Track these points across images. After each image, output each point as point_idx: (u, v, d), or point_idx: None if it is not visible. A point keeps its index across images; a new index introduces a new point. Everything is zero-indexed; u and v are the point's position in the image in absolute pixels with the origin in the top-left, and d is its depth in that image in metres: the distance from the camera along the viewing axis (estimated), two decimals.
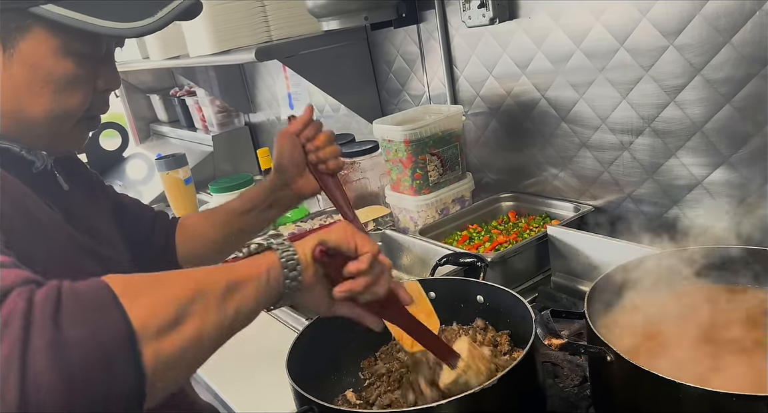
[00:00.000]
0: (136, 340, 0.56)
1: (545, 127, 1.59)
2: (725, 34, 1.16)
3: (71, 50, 0.77)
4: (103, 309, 0.56)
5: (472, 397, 0.84)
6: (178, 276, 0.65)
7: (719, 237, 1.30)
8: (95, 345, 0.54)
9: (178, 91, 3.19)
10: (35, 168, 0.83)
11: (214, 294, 0.63)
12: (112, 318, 0.55)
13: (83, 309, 0.55)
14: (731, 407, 0.75)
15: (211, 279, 0.65)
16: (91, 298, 0.56)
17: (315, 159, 1.08)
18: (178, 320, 0.60)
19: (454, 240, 1.61)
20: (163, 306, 0.59)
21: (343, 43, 1.92)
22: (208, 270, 0.67)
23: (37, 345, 0.51)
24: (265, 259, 0.70)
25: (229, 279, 0.66)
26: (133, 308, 0.57)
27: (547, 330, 0.91)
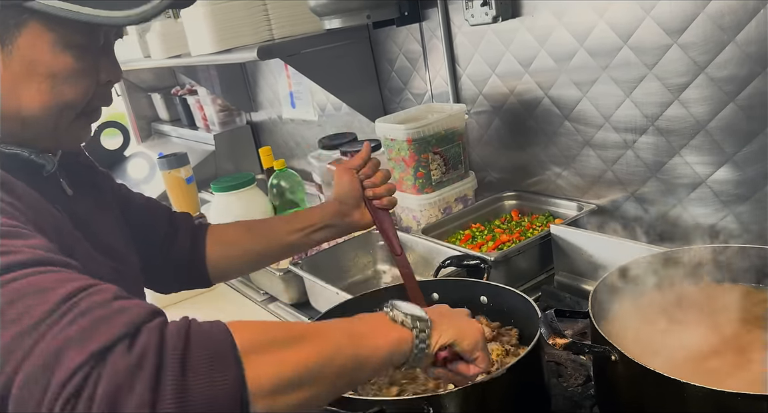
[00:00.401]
0: (248, 399, 0.56)
1: (548, 125, 1.59)
2: (729, 33, 1.16)
3: (69, 43, 0.76)
4: (222, 360, 0.56)
5: (475, 394, 0.84)
6: (307, 335, 0.65)
7: (723, 236, 1.30)
8: (211, 398, 0.54)
9: (179, 89, 3.18)
10: (46, 171, 0.82)
11: (338, 367, 0.65)
12: (229, 374, 0.56)
13: (208, 355, 0.56)
14: (736, 406, 0.75)
15: (341, 348, 0.66)
16: (213, 344, 0.57)
17: (371, 194, 1.14)
18: (296, 385, 0.61)
19: (457, 240, 1.61)
20: (284, 369, 0.60)
21: (345, 41, 1.91)
22: (338, 334, 0.68)
23: (167, 393, 0.52)
24: (398, 335, 0.73)
25: (356, 351, 0.68)
26: (253, 366, 0.57)
27: (551, 330, 0.91)
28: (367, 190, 1.14)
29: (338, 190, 1.15)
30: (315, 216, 1.17)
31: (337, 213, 1.16)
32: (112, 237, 0.94)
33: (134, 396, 0.52)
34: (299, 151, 2.67)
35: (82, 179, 0.95)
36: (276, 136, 2.81)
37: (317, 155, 2.04)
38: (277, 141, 2.79)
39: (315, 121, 2.47)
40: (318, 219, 1.16)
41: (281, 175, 2.02)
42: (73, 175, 0.93)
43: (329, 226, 1.17)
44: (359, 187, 1.14)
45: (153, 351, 0.54)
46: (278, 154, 2.57)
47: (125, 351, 0.53)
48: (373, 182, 1.14)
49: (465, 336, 0.79)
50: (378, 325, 0.74)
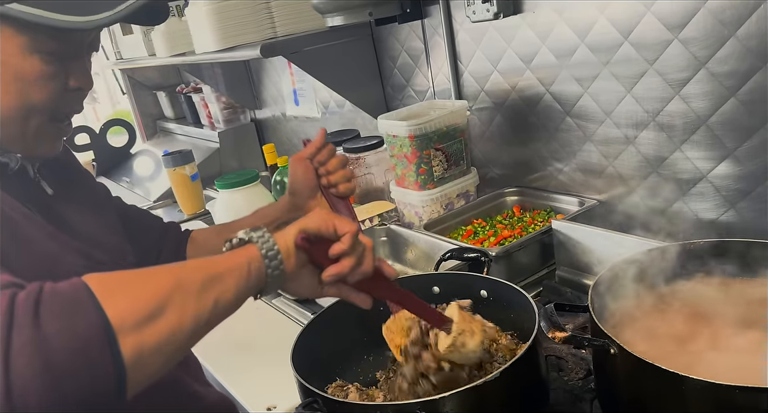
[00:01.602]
0: (114, 333, 0.58)
1: (550, 121, 1.59)
2: (730, 27, 1.16)
3: (38, 47, 0.79)
4: (79, 306, 0.58)
5: (474, 390, 0.84)
6: (156, 271, 0.67)
7: (724, 231, 1.31)
8: (73, 340, 0.56)
9: (184, 87, 3.20)
10: (10, 169, 0.84)
11: (193, 287, 0.66)
12: (88, 314, 0.58)
13: (61, 306, 0.57)
14: (735, 399, 0.75)
15: (189, 273, 0.68)
16: (69, 296, 0.59)
17: (326, 182, 1.11)
18: (156, 313, 0.62)
19: (459, 235, 1.62)
20: (141, 300, 0.61)
21: (348, 39, 1.92)
22: (187, 264, 0.71)
23: (19, 344, 0.54)
24: (246, 252, 0.73)
25: (208, 272, 0.68)
26: (110, 303, 0.59)
27: (550, 324, 0.92)
28: (322, 178, 1.11)
29: (291, 181, 1.13)
30: (269, 213, 1.16)
31: (290, 207, 1.14)
32: (98, 232, 0.95)
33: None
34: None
35: (68, 180, 0.97)
36: (280, 133, 2.82)
37: None
38: (281, 138, 2.80)
39: (318, 118, 2.48)
40: (273, 216, 1.15)
41: (285, 171, 2.03)
42: (57, 177, 0.94)
43: (288, 222, 1.15)
44: (313, 177, 1.11)
45: (1, 314, 0.55)
46: (282, 151, 2.59)
47: None
48: (327, 169, 1.10)
49: (307, 219, 0.77)
50: (225, 254, 0.74)
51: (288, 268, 0.75)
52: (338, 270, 0.78)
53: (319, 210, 0.80)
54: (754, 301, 0.98)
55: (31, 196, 0.86)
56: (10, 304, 0.56)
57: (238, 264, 0.71)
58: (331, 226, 0.78)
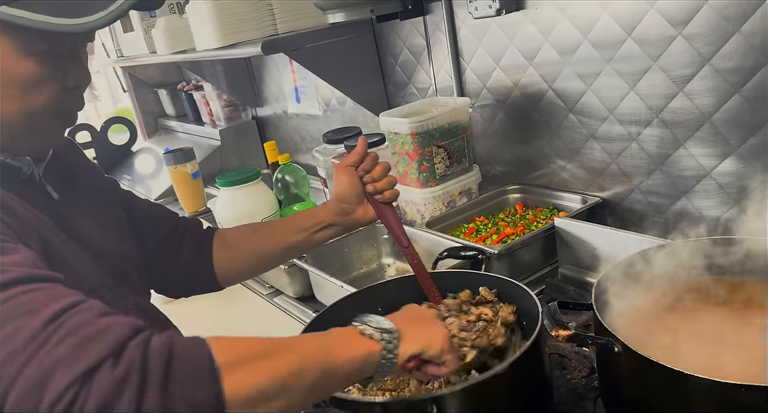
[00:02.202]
0: (224, 407, 0.60)
1: (552, 118, 1.58)
2: (734, 23, 1.15)
3: (31, 49, 0.78)
4: (202, 374, 0.61)
5: (477, 388, 0.84)
6: (280, 348, 0.69)
7: (728, 228, 1.30)
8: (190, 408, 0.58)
9: (185, 85, 3.19)
10: (23, 173, 0.83)
11: (311, 378, 0.69)
12: (207, 384, 0.60)
13: (187, 372, 0.60)
14: (740, 397, 0.75)
15: (312, 360, 0.70)
16: (195, 362, 0.61)
17: (372, 189, 1.13)
18: (269, 397, 0.65)
19: (461, 233, 1.61)
20: (259, 382, 0.64)
21: (349, 35, 1.91)
22: (311, 346, 0.73)
23: (150, 406, 0.56)
24: (367, 348, 0.76)
25: (328, 362, 0.71)
26: (229, 380, 0.61)
27: (554, 322, 0.91)
28: (367, 186, 1.13)
29: (337, 190, 1.15)
30: (318, 215, 1.17)
31: (339, 212, 1.15)
32: (103, 236, 0.94)
33: (120, 407, 0.55)
34: (304, 146, 2.68)
35: (73, 182, 0.96)
36: (281, 131, 2.81)
37: (322, 149, 2.04)
38: (282, 136, 2.80)
39: (320, 116, 2.48)
40: (322, 218, 1.16)
41: (286, 169, 2.02)
42: (63, 179, 0.94)
43: (333, 225, 1.17)
44: (359, 184, 1.13)
45: (137, 367, 0.58)
46: (283, 149, 2.58)
47: (111, 369, 0.57)
48: (373, 177, 1.13)
49: (431, 344, 0.80)
50: (348, 338, 0.76)
51: (394, 370, 0.79)
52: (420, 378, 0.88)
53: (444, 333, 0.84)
54: (758, 298, 0.98)
55: (39, 202, 0.85)
56: (143, 359, 0.58)
57: (356, 358, 0.74)
58: (444, 359, 0.82)
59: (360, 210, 1.15)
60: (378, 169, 1.13)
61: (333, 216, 1.16)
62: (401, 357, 0.78)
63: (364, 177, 1.13)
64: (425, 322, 0.85)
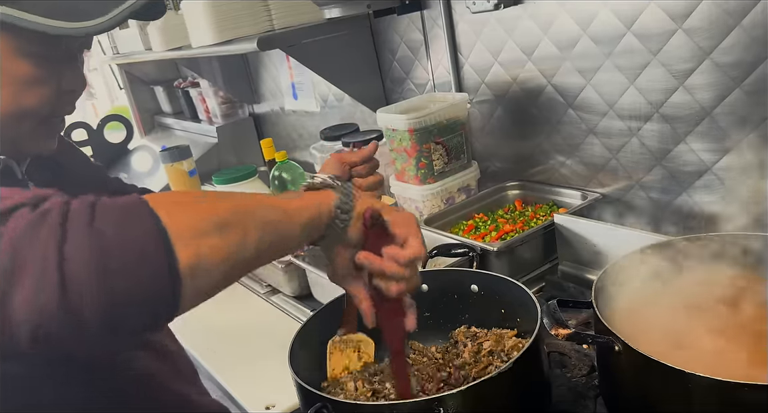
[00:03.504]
0: (170, 240, 0.56)
1: (552, 114, 1.57)
2: (735, 17, 1.14)
3: (27, 51, 0.77)
4: (136, 214, 0.57)
5: (476, 387, 0.83)
6: (225, 195, 0.66)
7: (729, 224, 1.29)
8: (129, 244, 0.55)
9: (181, 82, 3.18)
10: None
11: (259, 215, 0.65)
12: (144, 221, 0.57)
13: (117, 213, 0.56)
14: (742, 396, 0.74)
15: (260, 203, 0.67)
16: (125, 206, 0.58)
17: (356, 184, 1.10)
18: (217, 229, 0.61)
19: (460, 230, 1.60)
20: (201, 216, 0.61)
21: (346, 31, 1.89)
22: (259, 196, 0.69)
23: (73, 242, 0.53)
24: (323, 195, 0.74)
25: (281, 206, 0.68)
26: (168, 216, 0.58)
27: (553, 320, 0.90)
28: (353, 181, 1.10)
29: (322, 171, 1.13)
30: None
31: None
32: None
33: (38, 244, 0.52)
34: (301, 143, 2.66)
35: (61, 177, 0.95)
36: (279, 128, 2.80)
37: (319, 146, 2.03)
38: (280, 133, 2.79)
39: (317, 112, 2.46)
40: None
41: (283, 166, 2.01)
42: (53, 174, 0.93)
43: None
44: (346, 174, 1.10)
45: (57, 209, 0.55)
46: (280, 146, 2.57)
47: (28, 212, 0.54)
48: (362, 184, 1.09)
49: (393, 210, 0.77)
50: (301, 192, 0.74)
51: (350, 228, 0.75)
52: (375, 262, 0.76)
53: (413, 217, 0.79)
54: (760, 295, 0.97)
55: None
56: (65, 205, 0.55)
57: (311, 204, 0.72)
58: (405, 233, 0.77)
59: None
60: (371, 179, 1.10)
61: None
62: (358, 206, 0.75)
63: (353, 179, 1.11)
64: None
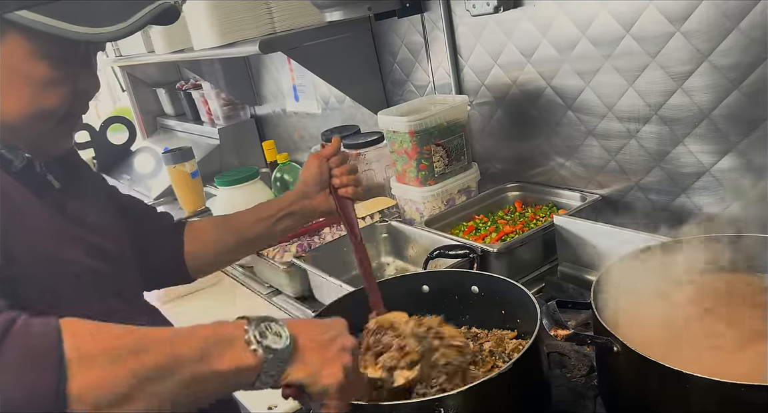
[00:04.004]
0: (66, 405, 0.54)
1: (551, 115, 1.58)
2: (733, 19, 1.14)
3: (46, 54, 0.78)
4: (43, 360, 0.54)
5: (476, 388, 0.84)
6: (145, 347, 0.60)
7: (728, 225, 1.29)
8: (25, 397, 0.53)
9: (184, 84, 3.19)
10: (14, 167, 0.84)
11: (176, 381, 0.60)
12: (47, 378, 0.54)
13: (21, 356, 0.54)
14: (739, 397, 0.74)
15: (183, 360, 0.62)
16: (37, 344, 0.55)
17: (338, 183, 1.20)
18: (124, 400, 0.57)
19: (460, 231, 1.61)
20: (111, 381, 0.57)
21: (347, 34, 1.90)
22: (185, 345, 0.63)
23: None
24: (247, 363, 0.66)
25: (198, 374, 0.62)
26: (77, 371, 0.55)
27: (553, 321, 0.91)
28: (334, 178, 1.20)
29: (305, 173, 1.22)
30: (277, 204, 1.22)
31: (300, 196, 1.21)
32: (102, 223, 0.95)
33: None
34: (303, 144, 2.67)
35: (73, 175, 0.97)
36: (280, 130, 2.81)
37: (320, 148, 2.04)
38: (281, 134, 2.79)
39: (318, 114, 2.47)
40: (281, 206, 1.21)
41: (285, 168, 2.02)
42: (66, 170, 0.95)
43: (291, 214, 1.21)
44: (326, 172, 1.20)
45: None
46: (282, 148, 2.57)
47: None
48: (341, 171, 1.20)
49: (318, 380, 0.70)
50: (230, 345, 0.66)
51: None
52: None
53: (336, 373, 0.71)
54: (758, 295, 0.97)
55: (38, 189, 0.86)
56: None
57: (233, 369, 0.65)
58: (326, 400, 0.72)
59: (320, 197, 1.21)
60: (346, 167, 1.21)
61: (291, 204, 1.21)
62: (281, 380, 0.69)
63: (333, 169, 1.20)
64: (326, 351, 0.72)
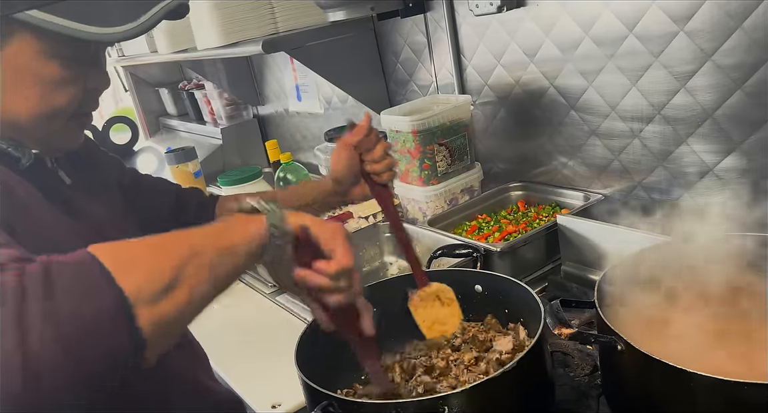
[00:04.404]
0: (131, 308, 0.58)
1: (554, 115, 1.58)
2: (736, 19, 1.14)
3: (56, 53, 0.78)
4: (93, 281, 0.57)
5: (480, 386, 0.84)
6: (169, 240, 0.67)
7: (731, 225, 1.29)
8: (90, 317, 0.55)
9: (186, 84, 3.19)
10: (21, 165, 0.84)
11: (207, 259, 0.66)
12: (102, 290, 0.57)
13: (74, 282, 0.56)
14: (743, 395, 0.74)
15: (203, 241, 0.68)
16: (80, 271, 0.58)
17: (370, 169, 1.10)
18: (172, 285, 0.62)
19: (463, 231, 1.61)
20: (156, 272, 0.61)
21: (350, 33, 1.91)
22: (200, 232, 0.69)
23: (33, 322, 0.53)
24: (256, 225, 0.73)
25: (222, 242, 0.69)
26: (125, 277, 0.58)
27: (557, 320, 0.91)
28: (366, 165, 1.10)
29: (335, 168, 1.12)
30: (313, 193, 1.18)
31: (333, 192, 1.15)
32: (113, 218, 0.96)
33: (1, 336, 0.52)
34: (305, 144, 2.68)
35: (85, 167, 0.97)
36: (283, 129, 2.81)
37: (323, 148, 2.04)
38: (284, 134, 2.80)
39: (321, 114, 2.47)
40: (315, 196, 1.17)
41: (288, 168, 2.02)
42: (75, 164, 0.95)
43: (326, 203, 1.18)
44: (357, 163, 1.10)
45: (11, 291, 0.54)
46: (285, 148, 2.58)
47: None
48: (373, 157, 1.09)
49: (320, 224, 0.77)
50: (234, 220, 0.74)
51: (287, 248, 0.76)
52: (307, 279, 0.78)
53: (339, 227, 0.79)
54: (761, 295, 0.97)
55: (48, 187, 0.85)
56: (18, 281, 0.55)
57: (249, 237, 0.72)
58: (331, 246, 0.77)
59: (356, 190, 1.15)
60: (379, 148, 1.10)
61: (326, 195, 1.16)
62: (293, 225, 0.75)
63: (363, 155, 1.10)
64: None
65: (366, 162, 1.10)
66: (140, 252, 0.63)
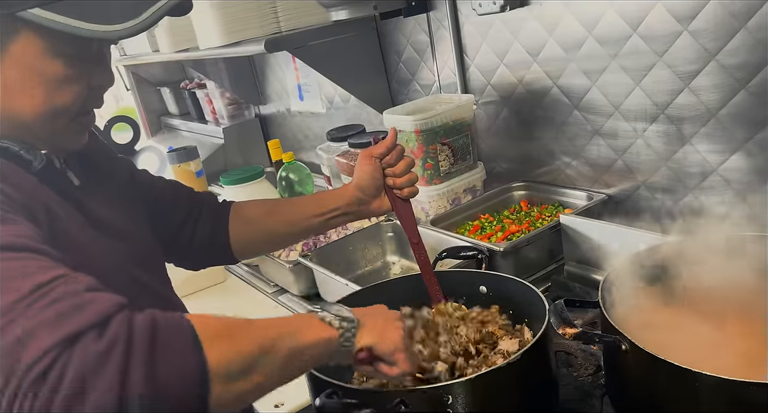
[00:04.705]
0: (209, 381, 0.62)
1: (557, 115, 1.58)
2: (740, 19, 1.14)
3: (60, 51, 0.78)
4: (186, 349, 0.62)
5: (484, 377, 0.84)
6: (251, 330, 0.71)
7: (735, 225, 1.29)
8: (177, 382, 0.59)
9: (188, 83, 3.19)
10: (33, 167, 0.83)
11: (281, 356, 0.71)
12: (193, 359, 0.62)
13: (172, 346, 0.61)
14: (748, 395, 0.75)
15: (282, 339, 0.72)
16: (177, 336, 0.62)
17: (392, 184, 1.13)
18: (248, 371, 0.67)
19: (466, 231, 1.61)
20: (237, 356, 0.66)
21: (352, 33, 1.90)
22: (277, 330, 0.74)
23: (136, 378, 0.56)
24: (327, 333, 0.78)
25: (294, 341, 0.74)
26: (211, 351, 0.63)
27: (560, 320, 0.91)
28: (388, 179, 1.12)
29: (359, 179, 1.14)
30: (335, 201, 1.17)
31: (355, 201, 1.15)
32: (123, 220, 0.95)
33: (104, 378, 0.55)
34: (308, 144, 2.68)
35: (93, 168, 0.96)
36: (284, 129, 2.81)
37: (326, 147, 2.04)
38: (286, 134, 2.80)
39: (323, 114, 2.47)
40: (337, 205, 1.17)
41: (290, 167, 2.02)
42: (83, 165, 0.94)
43: (348, 213, 1.17)
44: (380, 177, 1.12)
45: (123, 340, 0.58)
46: (287, 147, 2.58)
47: (95, 340, 0.57)
48: (395, 172, 1.12)
49: (384, 340, 0.82)
50: (310, 323, 0.78)
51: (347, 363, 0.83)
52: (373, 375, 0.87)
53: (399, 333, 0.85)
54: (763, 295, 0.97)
55: (59, 189, 0.85)
56: (128, 333, 0.59)
57: (319, 341, 0.77)
58: (392, 359, 0.83)
59: (376, 202, 1.15)
60: (402, 164, 1.12)
61: (348, 204, 1.16)
62: (356, 346, 0.80)
63: (386, 170, 1.12)
64: (385, 320, 0.86)
65: (389, 176, 1.12)
66: (228, 332, 0.67)
